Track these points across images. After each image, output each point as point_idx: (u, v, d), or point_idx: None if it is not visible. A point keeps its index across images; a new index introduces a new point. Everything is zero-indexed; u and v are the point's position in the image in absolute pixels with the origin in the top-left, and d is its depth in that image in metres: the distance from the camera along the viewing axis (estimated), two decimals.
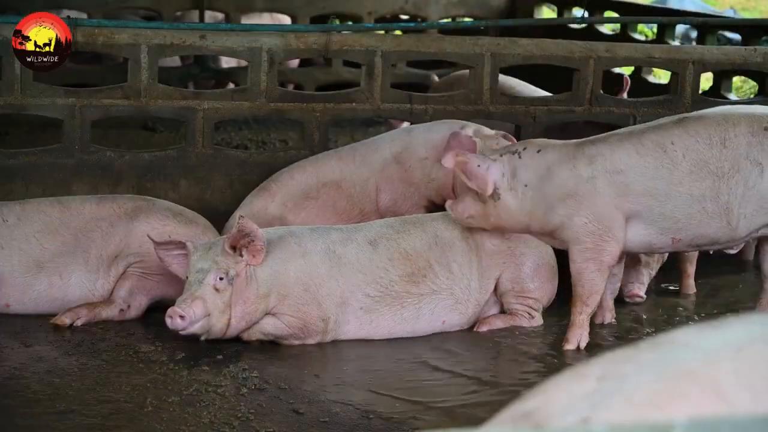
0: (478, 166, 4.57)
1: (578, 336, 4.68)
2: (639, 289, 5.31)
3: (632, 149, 4.51)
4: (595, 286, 4.64)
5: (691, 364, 1.37)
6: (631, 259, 5.25)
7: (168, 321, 4.42)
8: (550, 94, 6.42)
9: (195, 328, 4.45)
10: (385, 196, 5.44)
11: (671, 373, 1.36)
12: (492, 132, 5.35)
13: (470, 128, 5.35)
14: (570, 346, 4.68)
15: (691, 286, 5.59)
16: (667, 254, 5.42)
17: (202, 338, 4.53)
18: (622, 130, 4.75)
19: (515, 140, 5.34)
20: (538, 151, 4.61)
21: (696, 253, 5.53)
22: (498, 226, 4.71)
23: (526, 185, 4.57)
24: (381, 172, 5.46)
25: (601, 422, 1.30)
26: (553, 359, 4.61)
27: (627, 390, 1.35)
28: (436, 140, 5.38)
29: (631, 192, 4.50)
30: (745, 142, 4.49)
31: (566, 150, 4.59)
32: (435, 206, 5.37)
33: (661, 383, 1.35)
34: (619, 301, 5.35)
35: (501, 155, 4.62)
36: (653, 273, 5.46)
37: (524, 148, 4.64)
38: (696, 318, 5.32)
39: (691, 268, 5.57)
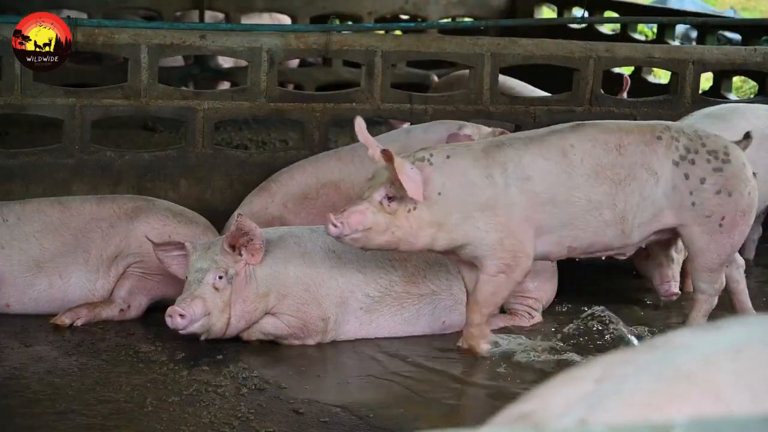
0: (411, 168, 4.22)
1: (476, 346, 4.49)
2: (675, 287, 5.29)
3: (538, 153, 4.37)
4: (498, 298, 4.49)
5: (690, 366, 1.37)
6: (665, 258, 5.24)
7: (168, 320, 4.42)
8: (549, 94, 6.43)
9: (195, 327, 4.45)
10: None
11: (670, 374, 1.36)
12: (490, 130, 5.35)
13: (468, 128, 5.35)
14: (471, 351, 4.51)
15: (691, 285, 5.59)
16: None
17: (202, 338, 4.53)
18: (521, 134, 4.62)
19: None
20: (448, 157, 4.33)
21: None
22: (398, 242, 4.29)
23: (439, 193, 4.27)
24: None
25: (600, 423, 1.30)
26: (552, 359, 4.61)
27: (625, 392, 1.35)
28: (434, 141, 5.38)
29: (538, 200, 4.35)
30: (640, 150, 4.46)
31: (477, 155, 4.35)
32: None
33: (659, 385, 1.35)
34: (619, 301, 5.36)
35: (412, 162, 4.26)
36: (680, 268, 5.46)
37: (431, 154, 4.33)
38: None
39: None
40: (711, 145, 4.57)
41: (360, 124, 4.36)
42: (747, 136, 4.70)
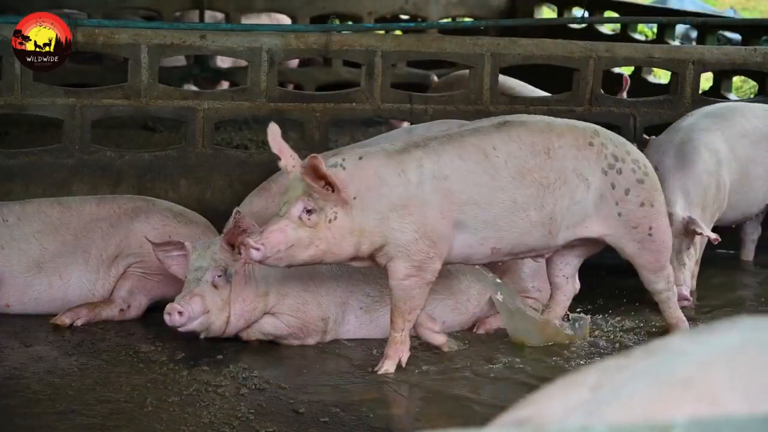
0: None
1: (399, 352, 4.37)
2: (685, 291, 5.29)
3: (455, 153, 4.25)
4: (416, 302, 4.32)
5: (687, 371, 1.37)
6: (676, 262, 5.25)
7: (166, 318, 4.42)
8: (549, 94, 6.43)
9: (194, 325, 4.45)
10: None
11: (667, 380, 1.36)
12: None
13: None
14: (389, 363, 4.36)
15: (692, 285, 5.59)
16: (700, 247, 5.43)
17: (202, 336, 4.53)
18: (440, 132, 4.49)
19: None
20: (360, 158, 4.23)
21: (700, 253, 5.53)
22: (323, 254, 4.18)
23: (355, 197, 4.15)
24: None
25: (602, 422, 1.30)
26: (554, 360, 4.61)
27: (623, 398, 1.35)
28: None
29: (456, 200, 4.23)
30: (571, 155, 4.35)
31: (391, 154, 4.25)
32: None
33: (656, 390, 1.35)
34: (620, 301, 5.36)
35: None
36: (695, 272, 5.45)
37: (344, 159, 4.23)
38: (695, 318, 5.32)
39: (695, 269, 5.57)
40: (634, 154, 4.52)
41: (274, 130, 4.26)
42: (645, 142, 4.56)
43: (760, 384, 1.36)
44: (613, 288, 5.56)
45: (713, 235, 5.22)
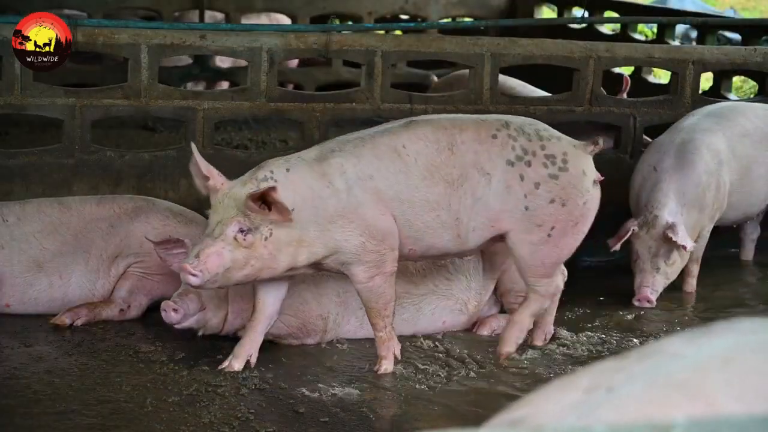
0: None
1: (391, 348, 4.35)
2: (647, 293, 5.30)
3: (371, 154, 4.20)
4: (387, 296, 4.29)
5: (682, 375, 1.37)
6: (650, 265, 5.27)
7: (162, 314, 4.43)
8: (549, 94, 6.42)
9: (190, 322, 4.44)
10: None
11: (661, 383, 1.36)
12: None
13: None
14: (386, 362, 4.35)
15: (692, 285, 5.60)
16: (687, 259, 5.42)
17: (199, 333, 4.54)
18: (353, 135, 4.37)
19: None
20: (288, 170, 4.16)
21: (701, 254, 5.54)
22: (258, 272, 4.14)
23: (293, 209, 4.10)
24: None
25: (601, 422, 1.30)
26: (552, 359, 4.61)
27: (617, 400, 1.35)
28: None
29: (385, 197, 4.19)
30: (473, 150, 4.26)
31: (312, 165, 4.19)
32: None
33: (651, 393, 1.35)
34: (618, 301, 5.36)
35: (256, 186, 4.09)
36: (669, 281, 5.45)
37: (272, 171, 4.14)
38: (695, 318, 5.33)
39: (696, 268, 5.58)
40: (551, 148, 4.34)
41: (196, 152, 4.24)
42: (596, 141, 4.47)
43: (756, 387, 1.36)
44: (617, 285, 5.57)
45: (689, 245, 5.23)
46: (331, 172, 4.17)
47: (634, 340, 4.85)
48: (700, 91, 6.46)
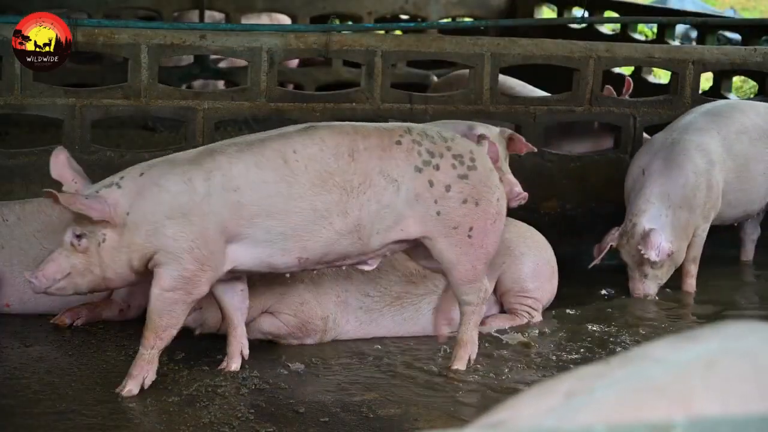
0: (87, 199, 3.99)
1: (145, 371, 4.10)
2: (650, 291, 5.35)
3: (252, 161, 4.03)
4: (174, 320, 4.07)
5: (662, 379, 1.37)
6: (638, 274, 5.31)
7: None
8: (549, 94, 6.43)
9: (188, 321, 4.34)
10: None
11: (640, 388, 1.36)
12: (498, 130, 5.33)
13: (479, 128, 5.31)
14: (133, 382, 4.09)
15: (692, 285, 5.60)
16: (679, 259, 5.43)
17: (196, 332, 4.55)
18: (241, 139, 4.23)
19: (522, 139, 5.33)
20: (141, 174, 4.05)
21: (699, 254, 5.54)
22: (102, 279, 4.07)
23: (128, 213, 3.99)
24: None
25: (601, 422, 1.30)
26: (554, 360, 4.61)
27: (594, 405, 1.35)
28: None
29: (246, 213, 4.00)
30: (377, 156, 4.13)
31: (180, 163, 4.07)
32: None
33: (629, 397, 1.35)
34: (619, 298, 5.36)
35: (97, 191, 4.03)
36: (662, 281, 5.47)
37: (122, 177, 4.07)
38: (694, 319, 5.33)
39: (695, 269, 5.58)
40: (456, 149, 4.22)
41: (55, 157, 4.18)
42: (482, 137, 4.42)
43: (736, 392, 1.36)
44: (618, 284, 5.58)
45: (652, 257, 5.26)
46: (197, 172, 4.02)
47: (628, 340, 4.84)
48: (700, 91, 6.46)
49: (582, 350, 4.71)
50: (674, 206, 5.35)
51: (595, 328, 5.00)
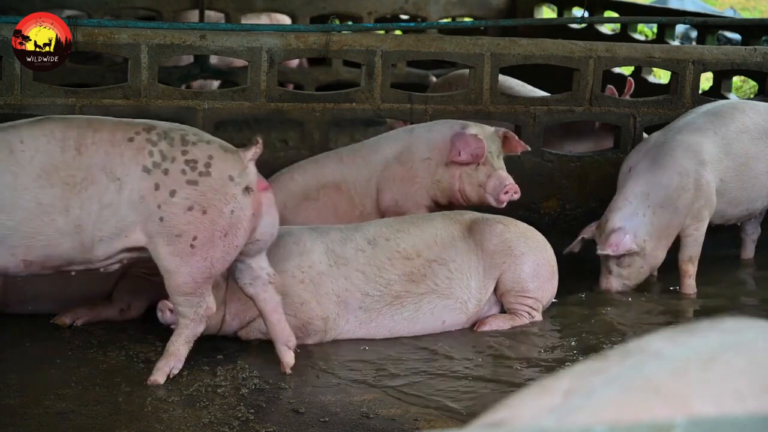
0: None
1: None
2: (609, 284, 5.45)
3: None
4: None
5: (659, 377, 1.37)
6: (605, 269, 5.38)
7: (159, 314, 4.41)
8: (548, 94, 6.43)
9: None
10: (387, 196, 5.39)
11: (638, 386, 1.36)
12: (493, 129, 5.34)
13: (472, 128, 5.31)
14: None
15: (691, 286, 5.60)
16: (654, 262, 5.46)
17: None
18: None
19: (516, 137, 5.36)
20: None
21: (697, 254, 5.54)
22: None
23: None
24: (383, 172, 5.42)
25: (601, 422, 1.30)
26: (553, 359, 4.61)
27: (593, 405, 1.35)
28: (438, 140, 5.36)
29: None
30: (104, 151, 3.93)
31: None
32: (438, 206, 5.36)
33: (627, 397, 1.35)
34: (619, 297, 5.36)
35: None
36: (628, 282, 5.51)
37: None
38: (694, 319, 5.33)
39: (692, 268, 5.58)
40: (194, 153, 4.01)
41: None
42: (256, 141, 4.23)
43: (733, 390, 1.36)
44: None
45: (605, 251, 5.37)
46: None
47: (626, 340, 4.84)
48: (700, 91, 6.46)
49: (582, 350, 4.71)
50: (654, 206, 5.38)
51: (594, 328, 5.00)
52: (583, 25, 8.44)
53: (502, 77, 6.16)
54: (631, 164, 5.57)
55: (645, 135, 6.20)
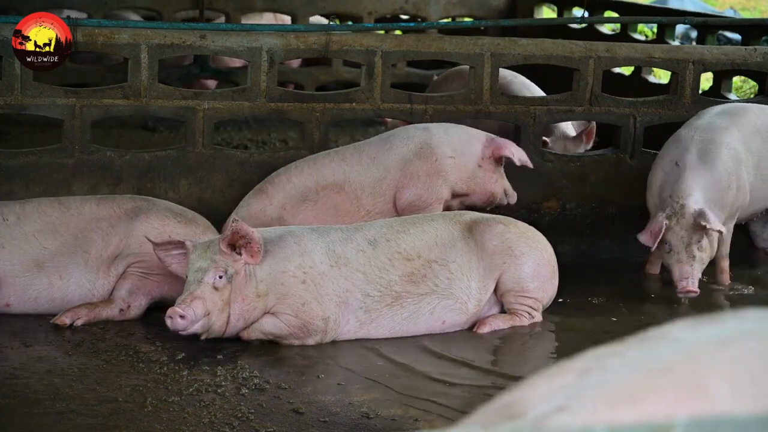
0: None
1: None
2: (692, 285, 5.33)
3: None
4: None
5: (673, 359, 1.38)
6: (686, 255, 5.29)
7: (168, 321, 4.42)
8: (545, 95, 6.43)
9: (195, 328, 4.45)
10: (410, 192, 5.43)
11: (652, 367, 1.37)
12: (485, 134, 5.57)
13: (493, 137, 5.58)
14: None
15: (726, 280, 5.64)
16: (716, 246, 5.46)
17: (203, 337, 4.52)
18: None
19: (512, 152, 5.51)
20: None
21: (728, 249, 5.56)
22: None
23: None
24: (402, 170, 5.46)
25: (601, 422, 1.30)
26: (553, 359, 4.61)
27: (605, 383, 1.36)
28: (459, 144, 5.53)
29: None
30: None
31: None
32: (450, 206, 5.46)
33: (640, 377, 1.36)
34: (624, 296, 5.36)
35: None
36: (704, 266, 5.48)
37: None
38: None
39: (726, 264, 5.65)
40: None
41: None
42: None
43: (747, 373, 1.36)
44: (621, 282, 5.58)
45: (723, 228, 5.27)
46: None
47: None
48: (700, 91, 6.46)
49: (583, 350, 4.71)
50: (710, 202, 5.38)
51: (596, 327, 5.00)
52: (583, 25, 8.44)
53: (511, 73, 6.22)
54: (674, 158, 5.50)
55: (545, 139, 6.30)
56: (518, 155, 5.52)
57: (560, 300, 5.20)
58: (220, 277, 4.47)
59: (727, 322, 1.48)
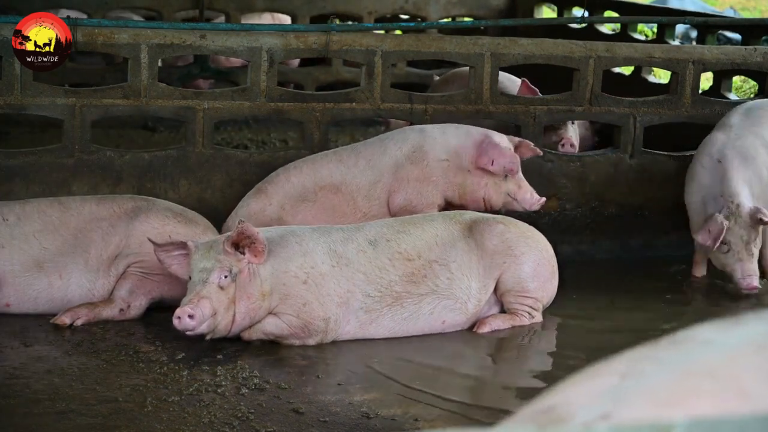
0: None
1: None
2: (756, 281, 5.38)
3: None
4: None
5: (713, 362, 1.38)
6: (746, 253, 5.31)
7: (176, 322, 4.40)
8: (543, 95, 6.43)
9: (202, 328, 4.44)
10: (400, 197, 5.41)
11: (693, 370, 1.37)
12: (508, 138, 5.52)
13: (495, 136, 5.48)
14: None
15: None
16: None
17: (208, 337, 4.52)
18: None
19: (530, 144, 5.47)
20: None
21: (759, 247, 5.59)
22: None
23: None
24: (394, 174, 5.44)
25: (601, 422, 1.30)
26: (554, 359, 4.61)
27: (648, 387, 1.35)
28: (455, 145, 5.46)
29: None
30: None
31: None
32: (449, 206, 5.41)
33: (682, 380, 1.35)
34: (629, 296, 5.36)
35: None
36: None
37: None
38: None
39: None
40: None
41: None
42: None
43: None
44: (623, 281, 5.58)
45: None
46: None
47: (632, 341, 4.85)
48: (700, 91, 6.46)
49: (584, 350, 4.71)
50: (755, 197, 5.42)
51: (596, 327, 5.00)
52: (583, 25, 8.44)
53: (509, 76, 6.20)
54: (715, 156, 5.51)
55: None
56: (499, 164, 5.32)
57: (560, 300, 5.20)
58: (225, 277, 4.47)
59: (755, 324, 1.47)
